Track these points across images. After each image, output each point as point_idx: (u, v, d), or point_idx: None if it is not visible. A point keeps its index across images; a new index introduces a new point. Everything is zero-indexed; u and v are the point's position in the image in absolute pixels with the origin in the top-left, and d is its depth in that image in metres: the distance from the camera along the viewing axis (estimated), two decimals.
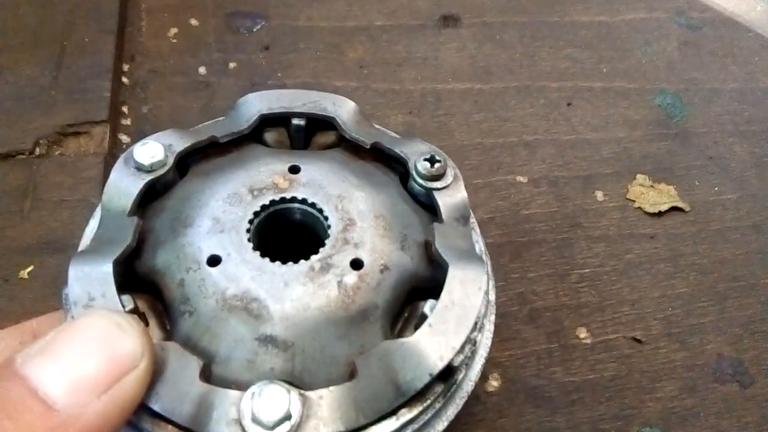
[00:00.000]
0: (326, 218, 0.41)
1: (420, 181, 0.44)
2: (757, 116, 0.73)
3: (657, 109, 0.72)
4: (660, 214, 0.64)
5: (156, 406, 0.32)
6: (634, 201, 0.64)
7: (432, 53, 0.73)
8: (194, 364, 0.34)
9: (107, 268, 0.36)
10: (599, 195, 0.64)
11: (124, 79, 0.66)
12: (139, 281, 0.40)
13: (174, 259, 0.39)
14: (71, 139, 0.59)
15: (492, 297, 0.45)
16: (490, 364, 0.52)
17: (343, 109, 0.48)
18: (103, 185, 0.41)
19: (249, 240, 0.39)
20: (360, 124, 0.47)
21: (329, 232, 0.40)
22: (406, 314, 0.41)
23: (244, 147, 0.47)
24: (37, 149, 0.58)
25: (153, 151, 0.42)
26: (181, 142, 0.44)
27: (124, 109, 0.64)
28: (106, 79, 0.63)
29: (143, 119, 0.63)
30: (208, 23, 0.72)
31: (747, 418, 0.53)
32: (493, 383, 0.52)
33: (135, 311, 0.36)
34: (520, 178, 0.65)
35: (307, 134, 0.49)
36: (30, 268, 0.53)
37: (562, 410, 0.52)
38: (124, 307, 0.35)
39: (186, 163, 0.46)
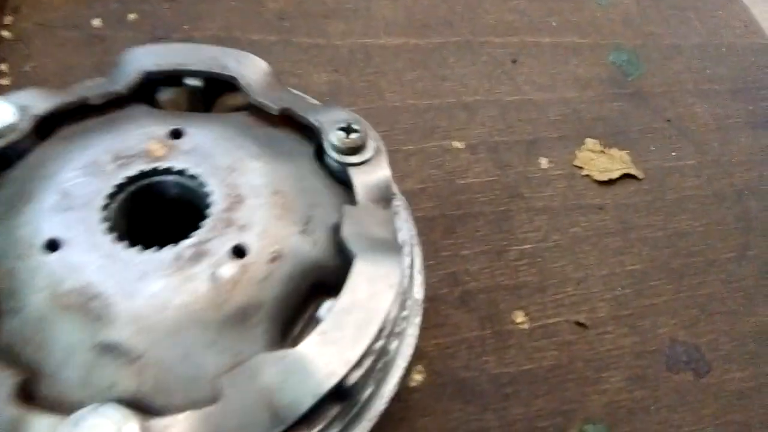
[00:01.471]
0: (209, 194, 0.34)
1: (334, 154, 0.37)
2: (720, 74, 0.67)
3: (611, 66, 0.65)
4: (610, 182, 0.57)
5: None
6: (582, 168, 0.58)
7: (363, 3, 0.66)
8: (7, 381, 0.27)
9: None
10: (544, 162, 0.58)
11: (5, 33, 0.58)
12: None
13: (5, 244, 0.32)
14: None
15: (420, 295, 0.38)
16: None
17: (249, 68, 0.40)
18: None
19: (104, 220, 0.32)
20: (271, 87, 0.40)
21: (209, 211, 0.33)
22: (308, 314, 0.34)
23: (125, 108, 0.39)
24: None
25: (2, 113, 0.35)
26: (42, 104, 0.36)
27: (3, 67, 0.55)
28: None
29: (25, 78, 0.55)
30: None
31: (702, 411, 0.47)
32: (417, 377, 0.46)
33: None
34: (457, 144, 0.58)
35: (208, 97, 0.41)
36: None
37: (493, 406, 0.45)
38: None
39: (53, 128, 0.38)
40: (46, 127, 0.37)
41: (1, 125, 0.35)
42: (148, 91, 0.40)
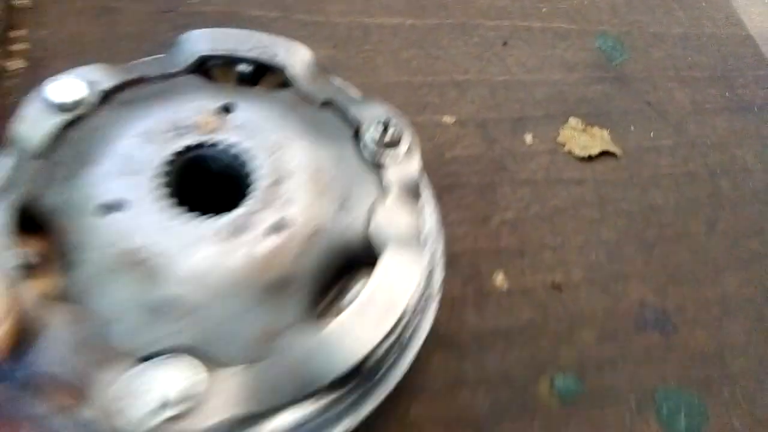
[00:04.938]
0: (256, 168, 0.37)
1: (371, 146, 0.40)
2: (701, 62, 0.70)
3: (596, 51, 0.69)
4: (590, 158, 0.61)
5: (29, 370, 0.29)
6: (564, 145, 0.61)
7: None
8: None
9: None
10: (528, 138, 0.61)
11: (25, 1, 0.61)
12: (44, 219, 0.36)
13: (70, 201, 0.35)
14: None
15: (438, 283, 0.43)
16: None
17: (296, 57, 0.44)
18: None
19: (163, 185, 0.35)
20: (315, 78, 0.44)
21: (256, 185, 0.36)
22: (336, 288, 0.37)
23: (178, 78, 0.43)
24: None
25: (74, 87, 0.39)
26: (108, 80, 0.40)
27: (23, 32, 0.59)
28: None
29: (41, 44, 0.58)
30: None
31: (667, 367, 0.51)
32: None
33: (27, 266, 0.32)
34: (447, 119, 0.61)
35: (255, 75, 0.45)
36: None
37: (470, 356, 0.49)
38: (17, 260, 0.32)
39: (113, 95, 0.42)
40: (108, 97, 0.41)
41: (74, 99, 0.39)
42: (201, 67, 0.44)
